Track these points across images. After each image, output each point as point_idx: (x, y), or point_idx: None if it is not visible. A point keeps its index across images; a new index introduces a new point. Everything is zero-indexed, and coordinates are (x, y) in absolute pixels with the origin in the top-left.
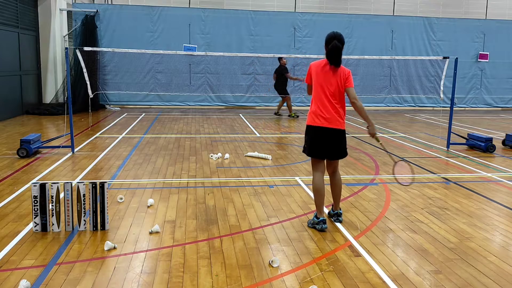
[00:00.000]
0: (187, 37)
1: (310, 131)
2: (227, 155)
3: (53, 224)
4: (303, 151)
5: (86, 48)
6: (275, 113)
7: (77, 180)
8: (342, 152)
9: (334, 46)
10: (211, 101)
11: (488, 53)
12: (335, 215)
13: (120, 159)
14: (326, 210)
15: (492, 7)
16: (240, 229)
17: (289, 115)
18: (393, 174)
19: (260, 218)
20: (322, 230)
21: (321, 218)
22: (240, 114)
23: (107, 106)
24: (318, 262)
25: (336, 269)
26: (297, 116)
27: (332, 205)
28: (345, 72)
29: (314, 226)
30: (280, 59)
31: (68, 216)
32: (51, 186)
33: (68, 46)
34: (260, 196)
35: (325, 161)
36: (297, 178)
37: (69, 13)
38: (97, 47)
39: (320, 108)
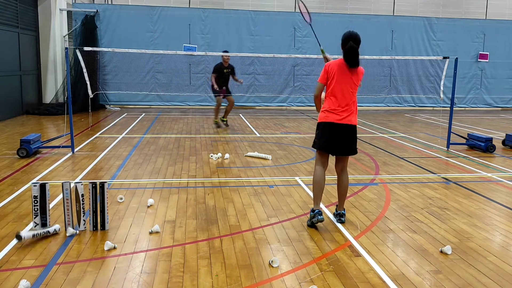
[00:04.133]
0: (187, 37)
1: (323, 126)
2: (227, 155)
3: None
4: (313, 146)
5: (86, 48)
6: (225, 122)
7: (77, 180)
8: (354, 148)
9: (350, 47)
10: (211, 101)
11: (488, 53)
12: (338, 215)
13: (120, 159)
14: (328, 213)
15: (492, 7)
16: (240, 229)
17: (222, 119)
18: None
19: (260, 218)
20: (318, 221)
21: (316, 210)
22: (240, 114)
23: (107, 106)
24: (318, 262)
25: (336, 269)
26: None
27: (337, 205)
28: (362, 71)
29: (311, 220)
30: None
31: (68, 216)
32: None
33: (68, 46)
34: (260, 196)
35: (328, 157)
36: (297, 178)
37: (69, 13)
38: (97, 47)
39: (337, 105)
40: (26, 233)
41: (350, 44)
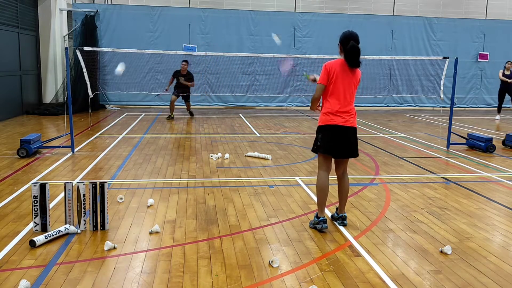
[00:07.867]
0: (187, 37)
1: (327, 130)
2: (227, 155)
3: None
4: (314, 150)
5: (86, 48)
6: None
7: (77, 180)
8: (356, 150)
9: (353, 47)
10: (211, 101)
11: (488, 53)
12: (340, 218)
13: (120, 159)
14: (328, 212)
15: (492, 7)
16: (240, 229)
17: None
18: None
19: (260, 218)
20: (321, 231)
21: (321, 218)
22: (240, 114)
23: (107, 106)
24: (318, 262)
25: (336, 269)
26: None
27: (337, 208)
28: (359, 72)
29: (314, 226)
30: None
31: (69, 216)
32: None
33: (68, 46)
34: (260, 196)
35: (332, 161)
36: (297, 178)
37: (69, 13)
38: (97, 47)
39: (339, 107)
40: (38, 237)
41: (352, 44)
